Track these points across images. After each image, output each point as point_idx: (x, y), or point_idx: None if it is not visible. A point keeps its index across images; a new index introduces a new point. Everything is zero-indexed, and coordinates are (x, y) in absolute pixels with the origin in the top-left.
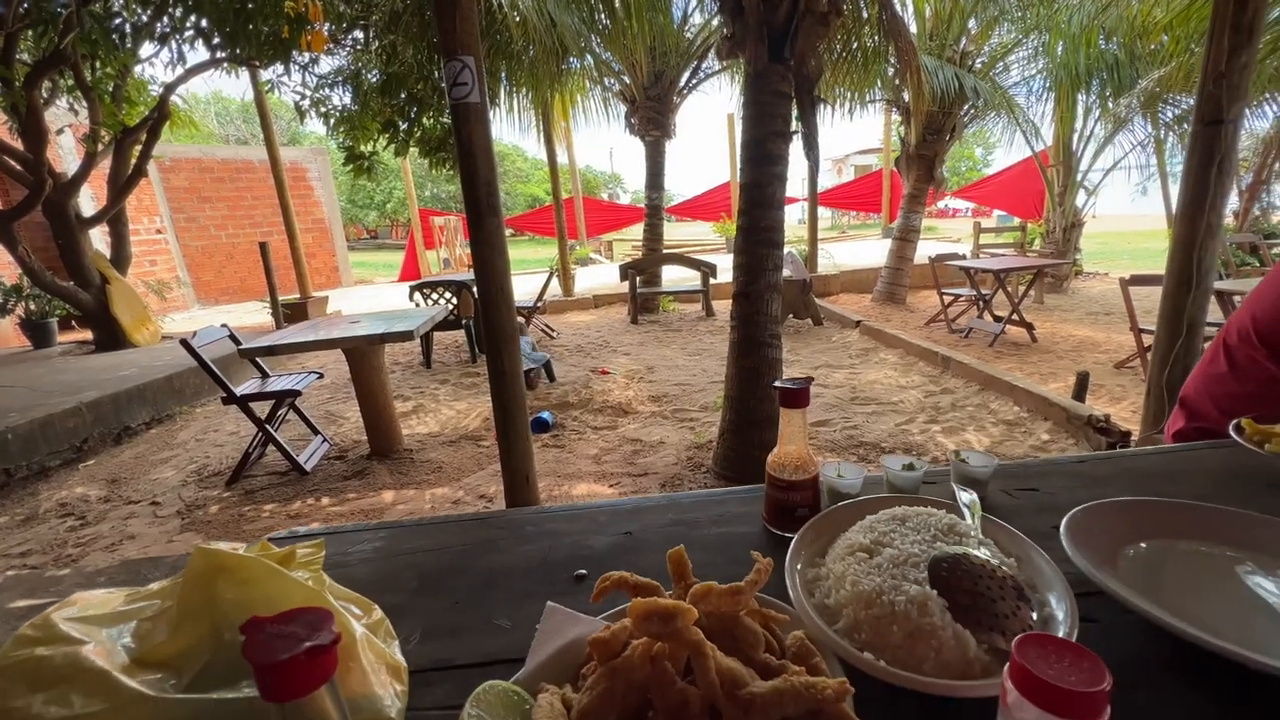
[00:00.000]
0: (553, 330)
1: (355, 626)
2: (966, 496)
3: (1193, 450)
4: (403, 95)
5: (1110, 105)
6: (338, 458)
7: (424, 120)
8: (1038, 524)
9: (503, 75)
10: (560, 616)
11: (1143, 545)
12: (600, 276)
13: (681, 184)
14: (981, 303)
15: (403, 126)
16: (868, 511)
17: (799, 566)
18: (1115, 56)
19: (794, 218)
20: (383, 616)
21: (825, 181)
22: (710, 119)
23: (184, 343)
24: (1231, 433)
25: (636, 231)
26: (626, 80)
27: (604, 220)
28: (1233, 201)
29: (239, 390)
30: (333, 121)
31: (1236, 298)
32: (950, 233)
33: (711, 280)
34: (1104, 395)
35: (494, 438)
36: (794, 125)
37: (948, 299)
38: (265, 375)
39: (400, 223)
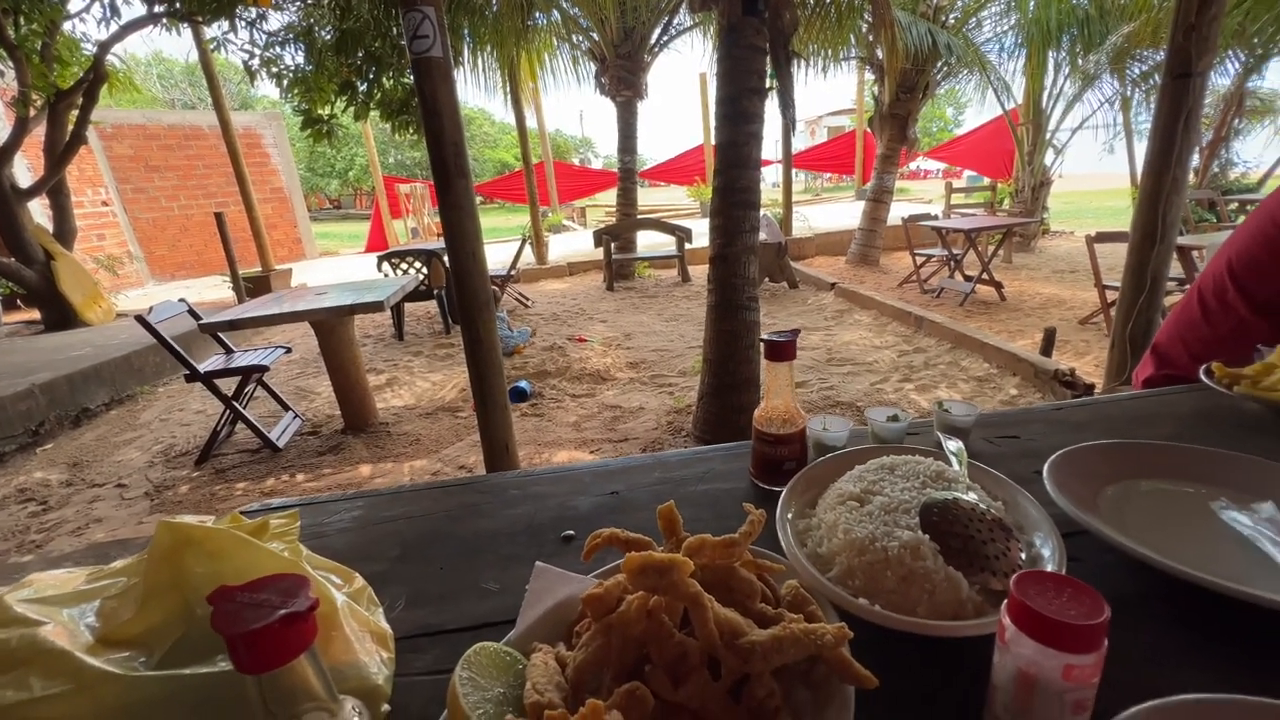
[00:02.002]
0: (527, 299)
1: (336, 595)
2: (953, 444)
3: (1164, 395)
4: (360, 54)
5: (1080, 62)
6: (311, 433)
7: (384, 81)
8: (1020, 469)
9: (465, 32)
10: (551, 576)
11: (1121, 486)
12: (574, 243)
13: (654, 148)
14: (953, 263)
15: (361, 88)
16: (856, 462)
17: (789, 517)
18: (1086, 11)
19: (769, 181)
20: (365, 585)
21: (799, 144)
22: (683, 80)
23: (140, 319)
24: (1202, 376)
25: (609, 197)
26: (595, 37)
27: (576, 186)
28: (1193, 158)
29: (202, 367)
30: (286, 83)
31: (1195, 253)
32: (922, 194)
33: (687, 245)
34: (1069, 350)
35: (472, 409)
36: (769, 82)
37: (920, 259)
38: (229, 351)
39: (364, 191)
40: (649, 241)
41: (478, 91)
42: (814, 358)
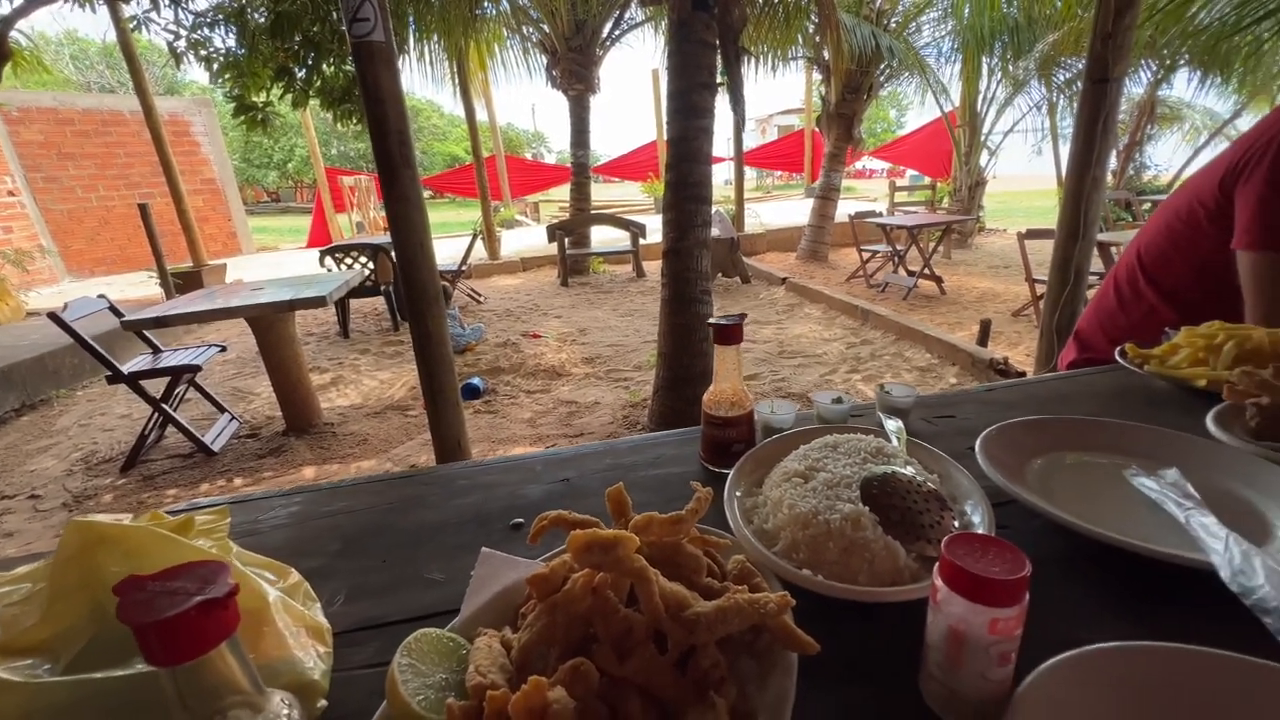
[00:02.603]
0: (480, 295)
1: (268, 590)
2: (892, 423)
3: (1084, 375)
4: (297, 38)
5: (1010, 68)
6: (250, 436)
7: (325, 67)
8: (956, 445)
9: (410, 19)
10: (496, 561)
11: (1046, 458)
12: (527, 239)
13: (608, 143)
14: (896, 258)
15: (300, 74)
16: (801, 442)
17: (738, 495)
18: (1016, 20)
19: (721, 178)
20: (301, 580)
21: (750, 142)
22: (636, 75)
23: (53, 316)
24: (1117, 357)
25: (563, 192)
26: (546, 29)
27: (528, 180)
28: (1111, 161)
29: (127, 367)
30: (216, 67)
31: (1113, 248)
32: (868, 192)
33: (641, 241)
34: (1003, 341)
35: (422, 406)
36: (719, 78)
37: (866, 255)
38: (157, 350)
39: (305, 184)
40: (603, 237)
41: (425, 82)
42: (766, 351)
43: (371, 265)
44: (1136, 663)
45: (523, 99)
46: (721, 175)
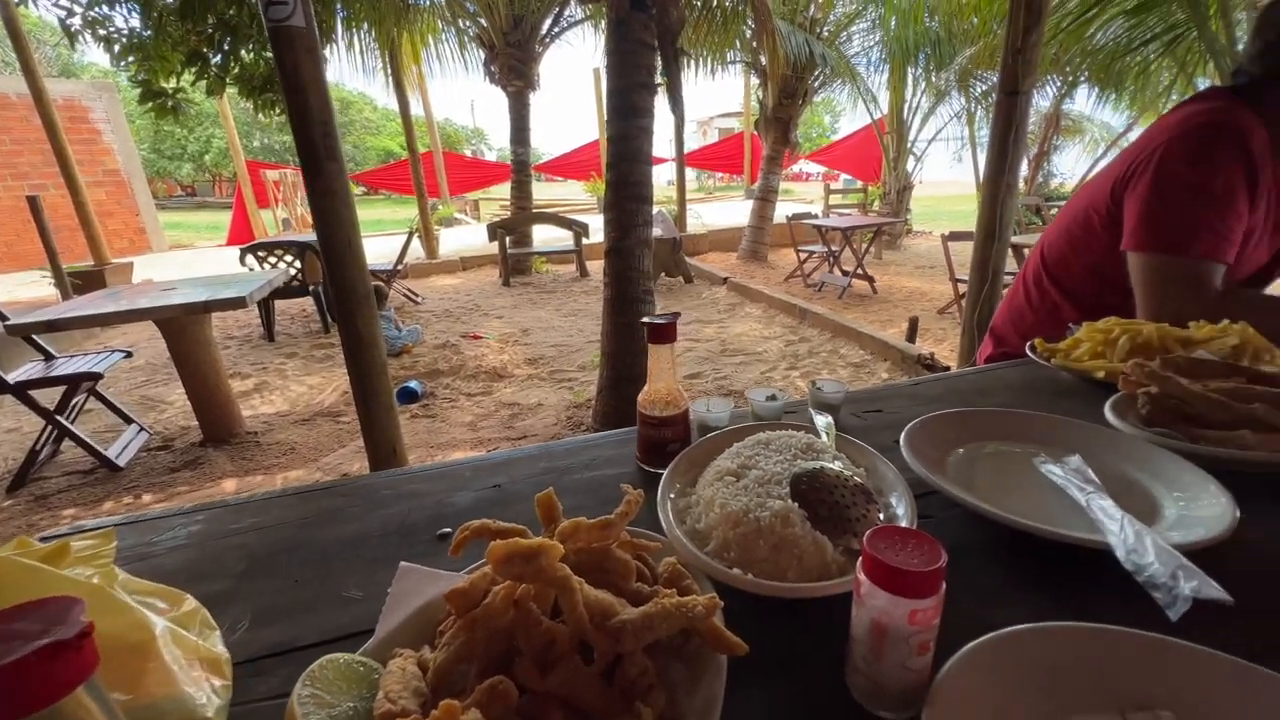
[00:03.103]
0: (417, 295)
1: (155, 621)
2: (822, 420)
3: (999, 369)
4: (210, 20)
5: (933, 79)
6: (161, 448)
7: (242, 53)
8: (883, 439)
9: (337, 5)
10: (416, 576)
11: (965, 449)
12: (467, 237)
13: (551, 141)
14: (832, 259)
15: (215, 59)
16: (735, 440)
17: (671, 496)
18: (937, 33)
19: (663, 179)
20: (197, 607)
21: (692, 143)
22: (578, 73)
23: None
24: (1027, 351)
25: (504, 190)
26: (484, 23)
27: (468, 178)
28: (1023, 169)
29: (13, 376)
30: (118, 49)
31: (1026, 250)
32: (805, 195)
33: (585, 240)
34: (930, 337)
35: (355, 412)
36: (659, 78)
37: (803, 255)
38: (50, 357)
39: (225, 177)
40: (546, 236)
41: (355, 72)
42: (709, 349)
43: (298, 264)
44: (1043, 643)
45: (461, 94)
46: (664, 176)
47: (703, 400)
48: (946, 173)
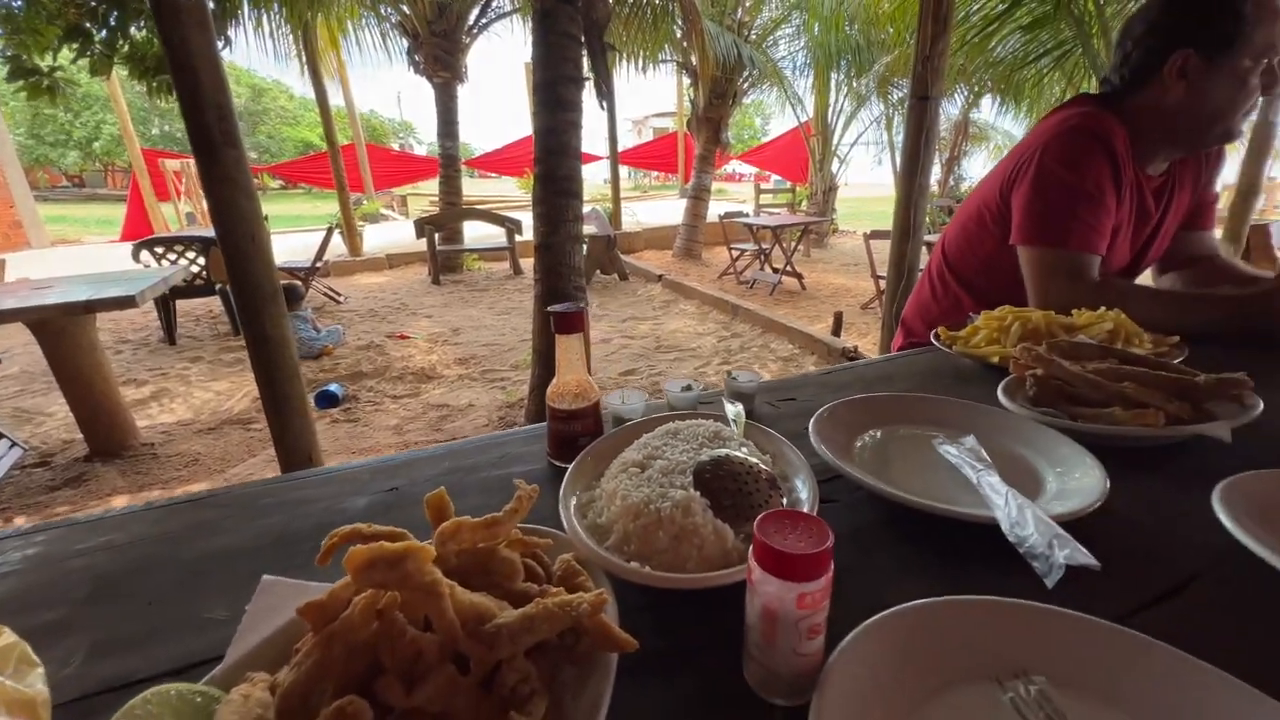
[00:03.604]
0: (339, 294)
1: None
2: (732, 408)
3: (905, 357)
4: None
5: (854, 84)
6: (39, 465)
7: (131, 29)
8: (796, 426)
9: None
10: (282, 590)
11: (870, 433)
12: (394, 234)
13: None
14: (763, 256)
15: (99, 35)
16: (645, 431)
17: (577, 491)
18: (857, 41)
19: (599, 177)
20: (16, 641)
21: (627, 142)
22: (511, 67)
23: None
24: (931, 339)
25: (433, 186)
26: (406, 10)
27: (394, 172)
28: (937, 172)
29: None
30: None
31: None
32: (738, 195)
33: (518, 237)
34: (855, 331)
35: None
36: (587, 73)
37: (735, 253)
38: None
39: (119, 167)
40: (478, 233)
41: (265, 57)
42: (643, 346)
43: (202, 261)
44: (927, 619)
45: (388, 86)
46: (601, 174)
47: (617, 392)
48: (869, 175)
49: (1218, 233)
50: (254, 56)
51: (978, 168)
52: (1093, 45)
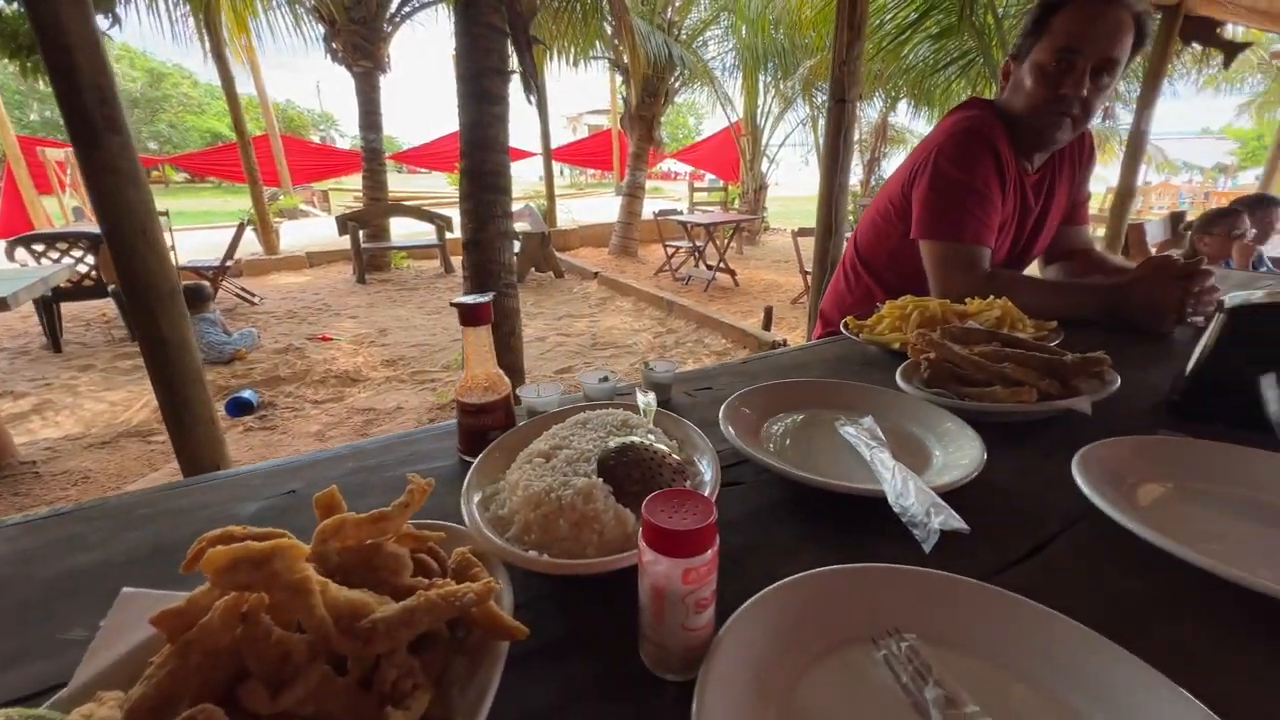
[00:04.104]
0: (253, 295)
1: None
2: (643, 398)
3: (818, 345)
4: None
5: (781, 86)
6: None
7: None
8: (711, 414)
9: None
10: (143, 602)
11: (778, 417)
12: (314, 231)
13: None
14: (697, 253)
15: None
16: (556, 422)
17: (483, 485)
18: (783, 44)
19: (534, 174)
20: None
21: (562, 138)
22: (440, 59)
23: None
24: (842, 329)
25: (357, 181)
26: None
27: (313, 166)
28: (859, 172)
29: None
30: None
31: None
32: (673, 193)
33: (449, 234)
34: (785, 325)
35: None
36: (515, 66)
37: (670, 250)
38: None
39: None
40: (407, 230)
41: (163, 39)
42: (580, 343)
43: (91, 259)
44: (809, 588)
45: (306, 74)
46: (536, 171)
47: (532, 385)
48: (799, 175)
49: (1101, 231)
50: (149, 37)
51: (895, 169)
52: (992, 55)
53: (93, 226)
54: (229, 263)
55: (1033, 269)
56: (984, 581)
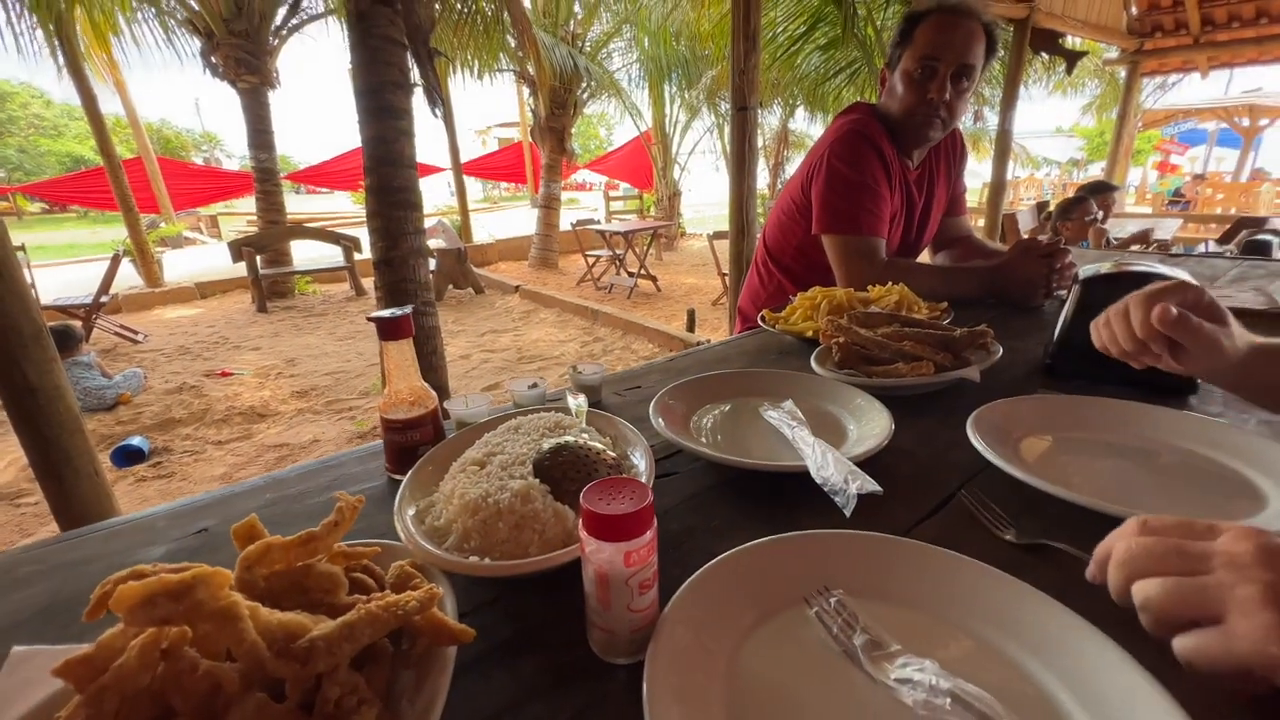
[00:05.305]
0: (136, 333)
1: None
2: (574, 400)
3: (738, 340)
4: None
5: (686, 95)
6: None
7: None
8: (641, 411)
9: None
10: (40, 660)
11: (705, 408)
12: (203, 260)
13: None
14: (617, 261)
15: None
16: (487, 431)
17: (416, 499)
18: (685, 55)
19: (446, 190)
20: None
21: (471, 152)
22: (336, 74)
23: None
24: (759, 322)
25: (251, 204)
26: (194, 5)
27: (197, 189)
28: (766, 176)
29: None
30: None
31: None
32: (590, 204)
33: (357, 255)
34: (708, 325)
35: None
36: (416, 80)
37: (591, 260)
38: None
39: None
40: (311, 254)
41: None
42: (505, 358)
43: None
44: (743, 561)
45: (183, 91)
46: (447, 187)
47: (460, 397)
48: (710, 181)
49: (981, 222)
50: None
51: None
52: (875, 64)
53: None
54: (104, 298)
55: (923, 257)
56: (899, 536)
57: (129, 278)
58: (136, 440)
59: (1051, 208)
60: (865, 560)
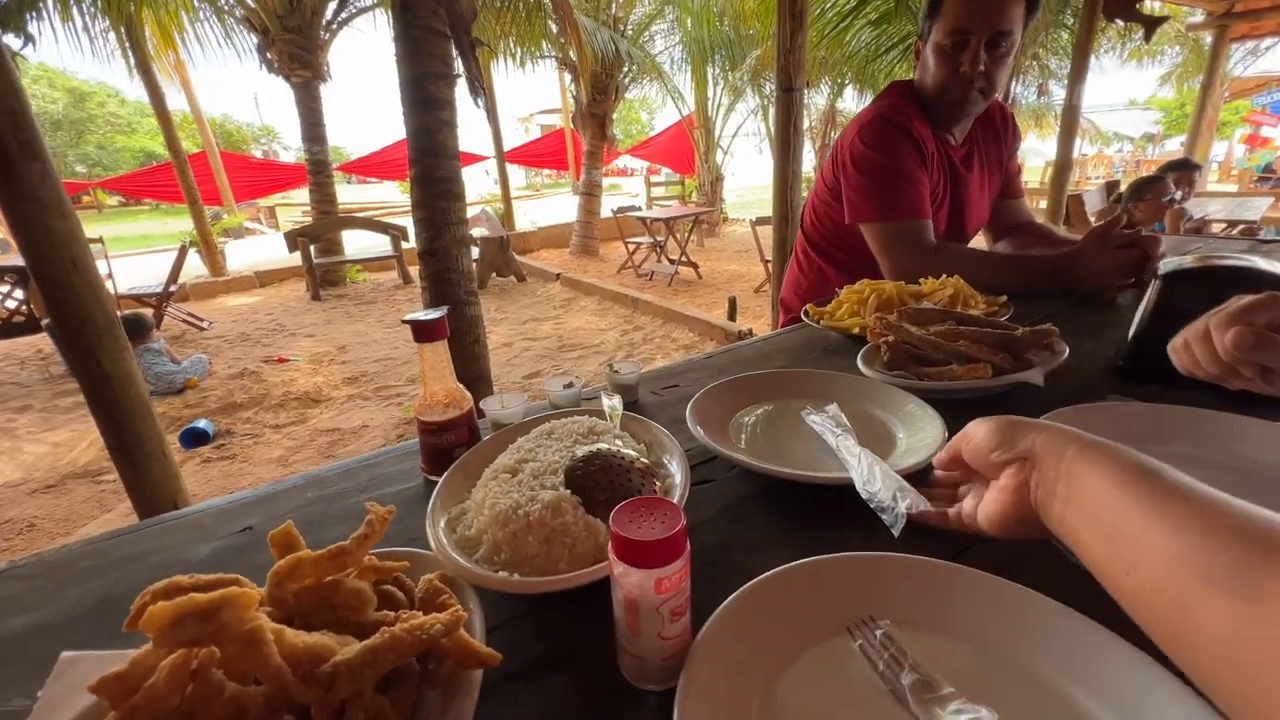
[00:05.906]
0: (201, 320)
1: None
2: (609, 401)
3: (781, 335)
4: None
5: (730, 77)
6: None
7: None
8: (679, 412)
9: None
10: (86, 666)
11: (744, 410)
12: (263, 249)
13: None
14: (658, 248)
15: None
16: (521, 434)
17: (449, 505)
18: (729, 36)
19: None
20: None
21: (514, 140)
22: (384, 66)
23: None
24: (803, 316)
25: (305, 195)
26: (251, 3)
27: (257, 181)
28: (812, 159)
29: None
30: None
31: None
32: (632, 189)
33: (405, 244)
34: (749, 314)
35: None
36: (459, 69)
37: (632, 247)
38: None
39: None
40: (361, 243)
41: (83, 57)
42: (546, 346)
43: (20, 294)
44: (782, 585)
45: (243, 87)
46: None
47: (496, 396)
48: (754, 165)
49: (1043, 203)
50: (67, 56)
51: None
52: None
53: (17, 259)
54: (173, 288)
55: (978, 243)
56: (954, 561)
57: (195, 267)
58: (202, 423)
59: (1123, 187)
60: (916, 588)
